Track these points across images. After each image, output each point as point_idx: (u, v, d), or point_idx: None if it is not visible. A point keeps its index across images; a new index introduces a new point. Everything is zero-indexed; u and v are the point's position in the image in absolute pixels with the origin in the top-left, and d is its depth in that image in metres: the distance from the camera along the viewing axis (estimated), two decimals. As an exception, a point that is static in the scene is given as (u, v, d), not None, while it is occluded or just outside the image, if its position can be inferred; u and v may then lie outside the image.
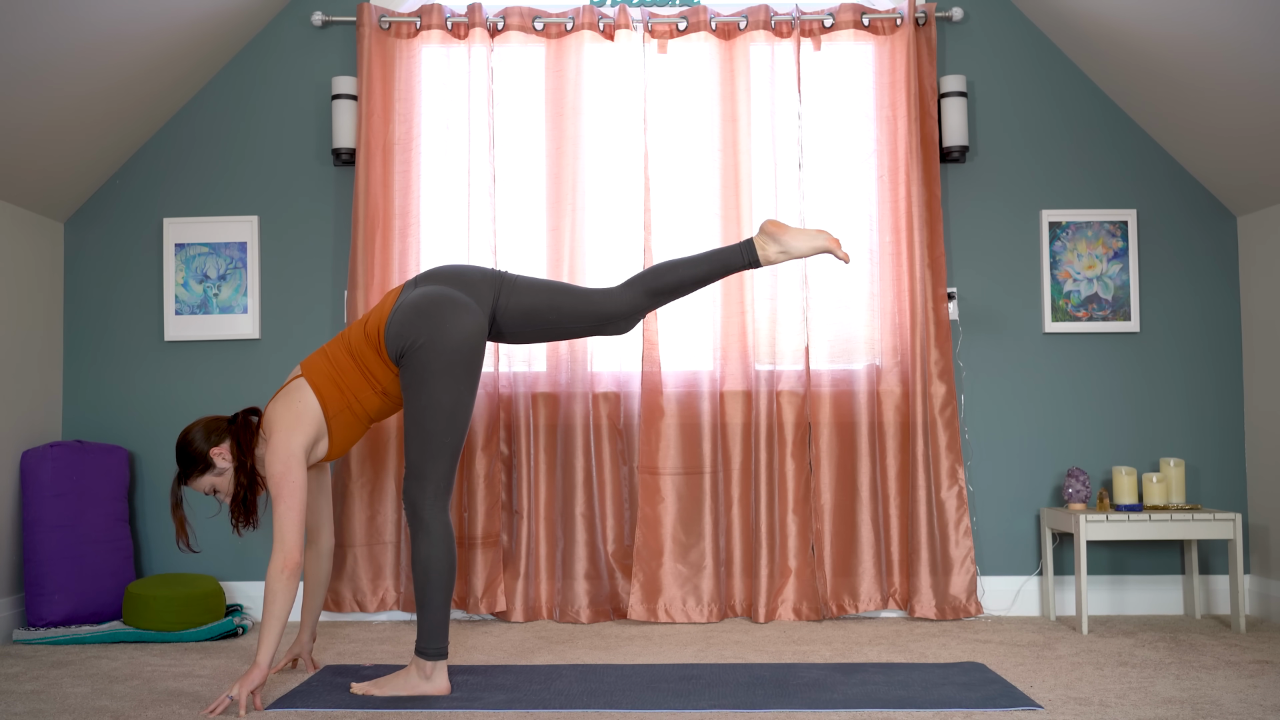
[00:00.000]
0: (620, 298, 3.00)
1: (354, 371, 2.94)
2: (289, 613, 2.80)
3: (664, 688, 2.92)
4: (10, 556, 3.82)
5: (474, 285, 2.96)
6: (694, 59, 4.10)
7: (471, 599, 3.96)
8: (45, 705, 2.83)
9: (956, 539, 3.94)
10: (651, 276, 3.01)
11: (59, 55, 3.43)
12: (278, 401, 2.94)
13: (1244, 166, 3.89)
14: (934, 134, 4.04)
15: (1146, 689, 2.88)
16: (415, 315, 2.86)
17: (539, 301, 2.98)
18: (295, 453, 2.85)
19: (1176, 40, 3.60)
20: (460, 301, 2.89)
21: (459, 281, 2.96)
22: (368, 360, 2.93)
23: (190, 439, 2.93)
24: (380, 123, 4.06)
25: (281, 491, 2.81)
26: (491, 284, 2.98)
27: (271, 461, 2.84)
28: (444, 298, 2.89)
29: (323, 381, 2.93)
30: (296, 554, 2.79)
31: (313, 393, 2.92)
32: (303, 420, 2.89)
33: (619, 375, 4.07)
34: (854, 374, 4.04)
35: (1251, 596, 4.03)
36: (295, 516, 2.80)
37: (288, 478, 2.82)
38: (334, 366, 2.95)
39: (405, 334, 2.85)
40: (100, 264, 4.21)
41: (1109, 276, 4.12)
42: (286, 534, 2.79)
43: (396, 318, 2.88)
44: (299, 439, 2.86)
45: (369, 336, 2.92)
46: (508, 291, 2.98)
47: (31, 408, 3.97)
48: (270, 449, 2.86)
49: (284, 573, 2.77)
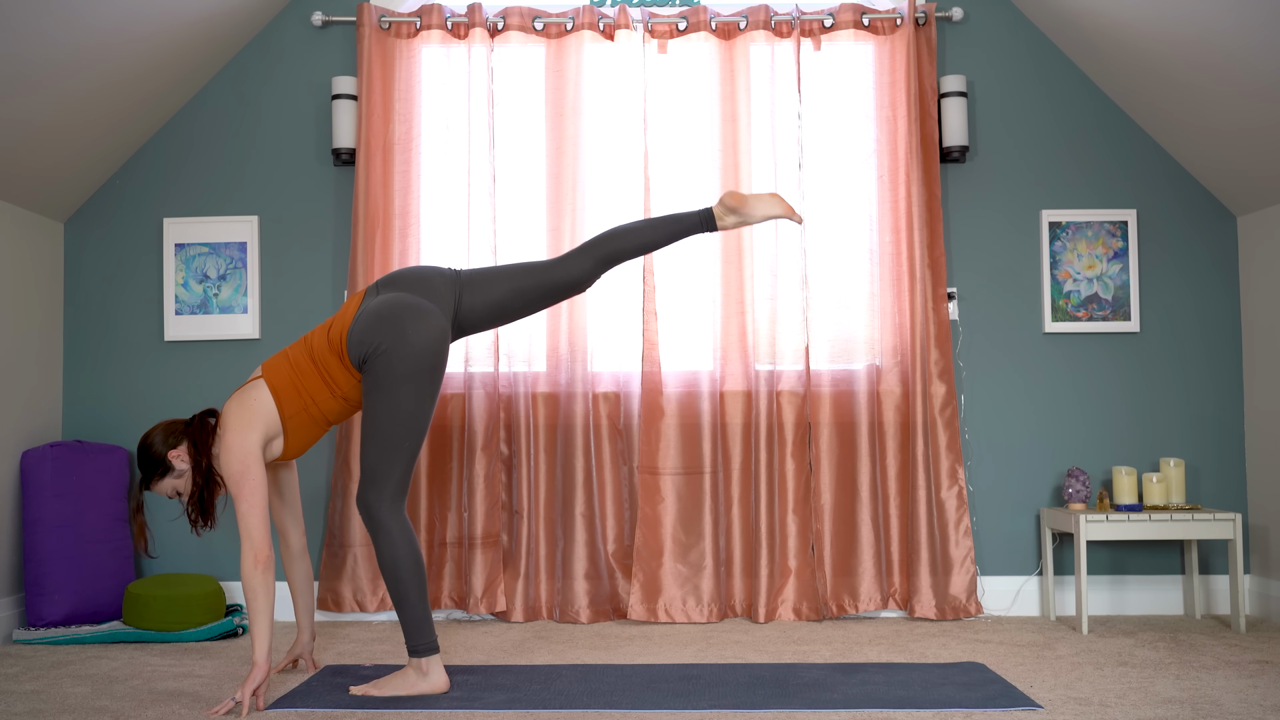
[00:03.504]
0: (577, 265, 2.99)
1: (314, 375, 2.93)
2: (272, 606, 2.81)
3: (664, 688, 2.92)
4: (10, 556, 3.82)
5: (435, 289, 2.95)
6: (694, 59, 4.10)
7: (471, 599, 3.96)
8: (45, 705, 2.83)
9: (956, 539, 3.94)
10: (607, 241, 3.00)
11: (59, 55, 3.43)
12: (233, 400, 2.93)
13: (1244, 166, 3.89)
14: (934, 134, 4.04)
15: (1146, 689, 2.88)
16: (378, 322, 2.86)
17: (502, 292, 2.98)
18: (251, 450, 2.84)
19: (1176, 40, 3.60)
20: (423, 308, 2.89)
21: (420, 286, 2.95)
22: (329, 365, 2.92)
23: (150, 443, 2.93)
24: (380, 123, 4.06)
25: (241, 489, 2.81)
26: (451, 285, 2.97)
27: (228, 460, 2.84)
28: (406, 304, 2.88)
29: (281, 384, 2.92)
30: (265, 548, 2.79)
31: (270, 394, 2.91)
32: (257, 418, 2.88)
33: (619, 375, 4.07)
34: (854, 374, 4.05)
35: (1251, 596, 4.03)
36: (258, 512, 2.81)
37: (246, 475, 2.82)
38: (294, 370, 2.93)
39: (368, 340, 2.85)
40: (100, 264, 4.21)
41: (1109, 276, 4.12)
42: (252, 529, 2.79)
43: (359, 325, 2.88)
44: (253, 437, 2.86)
45: (332, 342, 2.92)
46: (469, 291, 2.97)
47: (31, 408, 3.97)
48: (225, 446, 2.86)
49: (257, 567, 2.78)
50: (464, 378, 4.03)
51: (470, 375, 4.02)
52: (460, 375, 4.06)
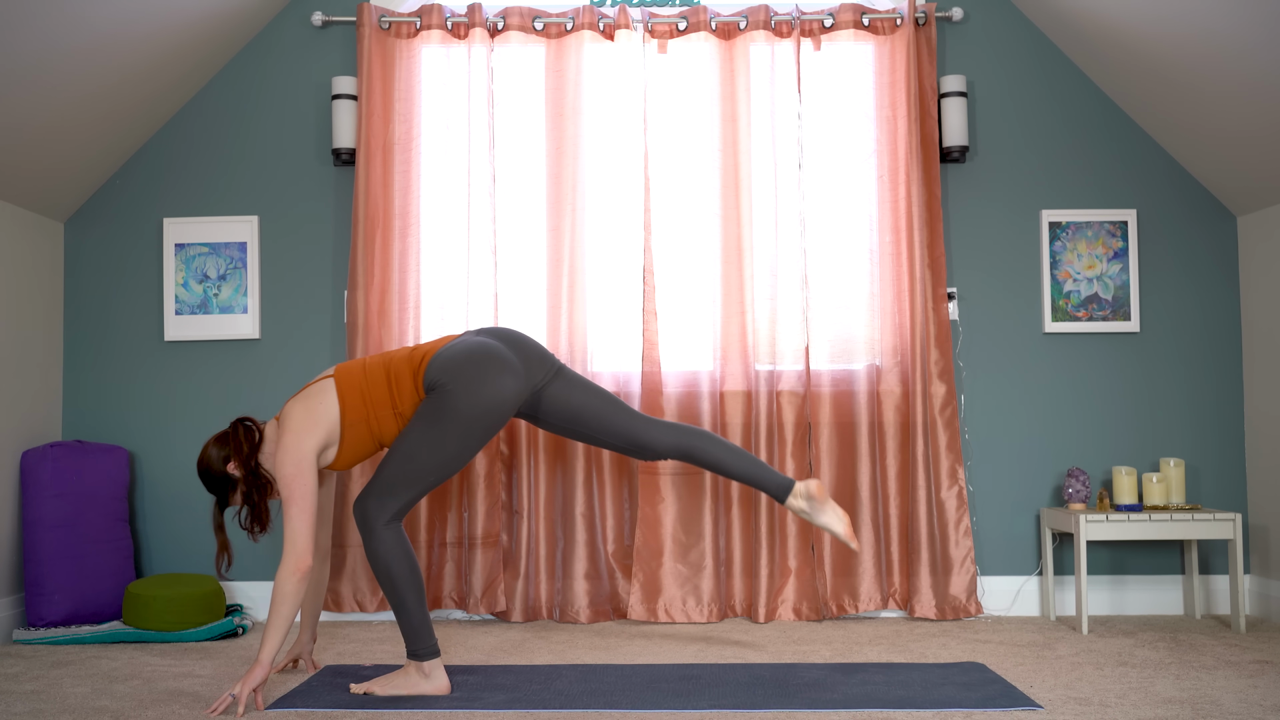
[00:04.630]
0: (659, 435, 3.07)
1: (383, 386, 2.93)
2: (295, 616, 2.80)
3: (664, 688, 2.92)
4: (10, 556, 3.82)
5: (529, 358, 3.01)
6: (694, 59, 4.10)
7: (471, 599, 3.96)
8: (45, 705, 2.83)
9: (956, 539, 3.94)
10: (696, 436, 3.08)
11: (59, 55, 3.44)
12: (298, 400, 2.93)
13: (1244, 166, 3.89)
14: (934, 134, 4.04)
15: (1146, 689, 2.88)
16: (465, 358, 2.90)
17: (589, 403, 3.06)
18: (307, 455, 2.84)
19: (1176, 40, 3.60)
20: (511, 366, 2.94)
21: (518, 348, 3.01)
22: (401, 380, 2.93)
23: (208, 464, 2.92)
24: (380, 123, 4.06)
25: (293, 494, 2.80)
26: (546, 367, 3.05)
27: (283, 462, 2.83)
28: (497, 355, 2.93)
29: (350, 387, 2.93)
30: (308, 558, 2.78)
31: (336, 395, 2.91)
32: (318, 424, 2.88)
33: (619, 375, 4.07)
34: (854, 374, 4.05)
35: (1251, 596, 4.03)
36: (306, 520, 2.79)
37: (299, 480, 2.81)
38: (366, 377, 2.95)
39: (449, 369, 2.88)
40: (100, 264, 4.21)
41: (1109, 276, 4.12)
42: (298, 538, 2.78)
43: (448, 352, 2.92)
44: (311, 442, 2.85)
45: (413, 359, 2.95)
46: (560, 383, 3.05)
47: (31, 408, 3.97)
48: (282, 447, 2.85)
49: (294, 576, 2.77)
50: (464, 378, 4.03)
51: (470, 375, 4.02)
52: (460, 375, 4.05)
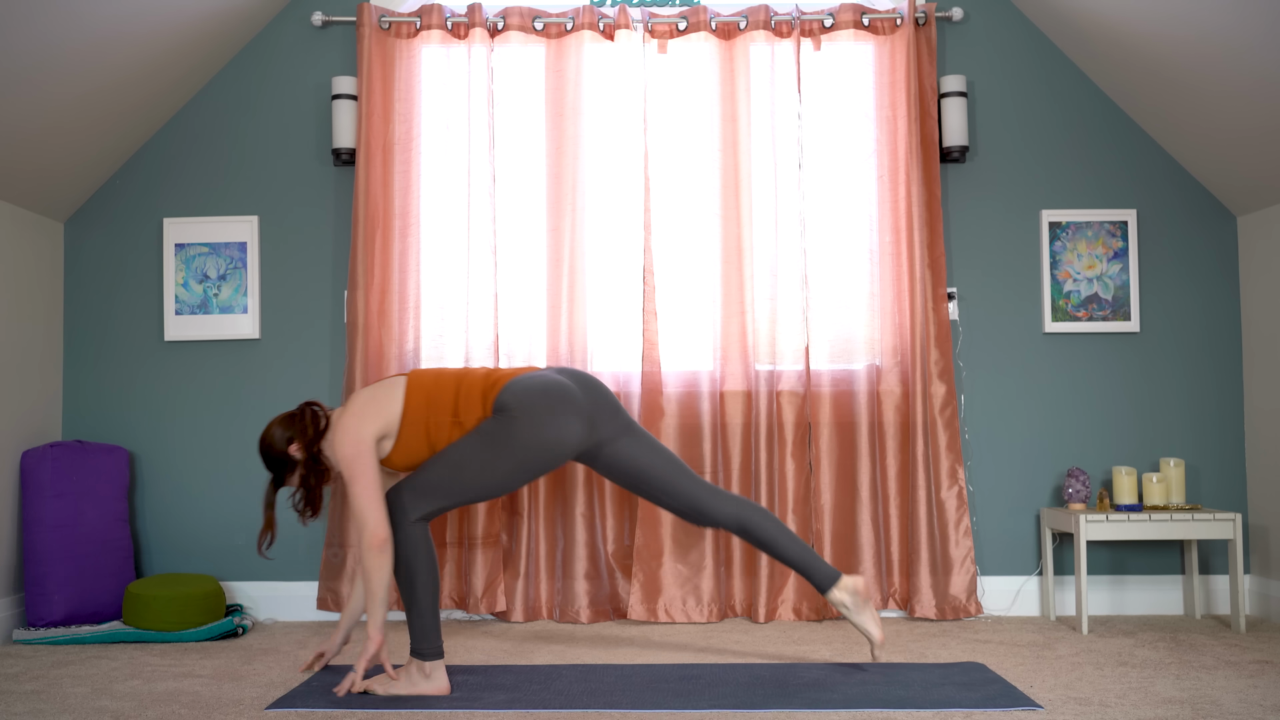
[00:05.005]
0: (723, 507, 3.09)
1: (450, 394, 2.96)
2: (387, 586, 2.82)
3: (664, 688, 2.92)
4: (10, 556, 3.82)
5: (601, 409, 3.03)
6: (694, 59, 4.10)
7: (471, 599, 3.96)
8: (45, 705, 2.83)
9: (956, 539, 3.94)
10: (755, 512, 3.10)
11: (59, 55, 3.44)
12: (365, 389, 2.98)
13: (1244, 166, 3.89)
14: (934, 134, 4.04)
15: (1146, 689, 2.88)
16: (539, 391, 2.93)
17: (654, 463, 3.07)
18: (366, 438, 2.86)
19: (1176, 40, 3.60)
20: (581, 411, 2.97)
21: (594, 397, 3.03)
22: (471, 393, 2.95)
23: (271, 442, 2.96)
24: (380, 123, 4.06)
25: (354, 472, 2.83)
26: (616, 420, 3.07)
27: (342, 442, 2.86)
28: (571, 398, 2.96)
29: (418, 388, 2.96)
30: (381, 529, 2.80)
31: (404, 392, 2.95)
32: (380, 413, 2.91)
33: (619, 375, 4.07)
34: (854, 374, 4.05)
35: (1251, 596, 4.03)
36: (370, 494, 2.82)
37: (359, 459, 2.84)
38: (436, 382, 2.98)
39: (520, 396, 2.91)
40: (100, 264, 4.21)
41: (1109, 276, 4.12)
42: (365, 512, 2.81)
43: (525, 381, 2.95)
44: (370, 427, 2.88)
45: (488, 378, 2.98)
46: (629, 437, 3.06)
47: (31, 408, 3.97)
48: (341, 428, 2.88)
49: (372, 549, 2.79)
50: (464, 378, 4.03)
51: (470, 375, 4.02)
52: (460, 375, 4.06)
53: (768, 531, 3.09)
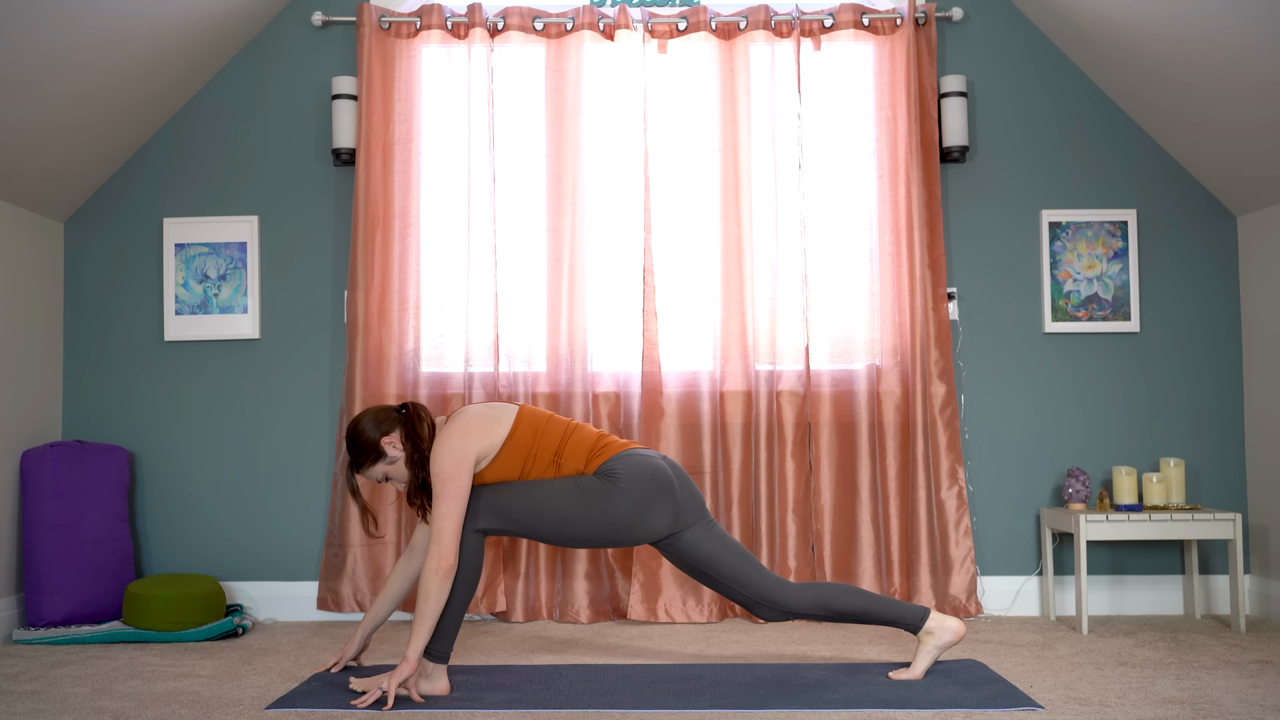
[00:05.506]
0: (791, 594, 3.04)
1: (558, 436, 2.98)
2: (439, 611, 2.81)
3: (664, 688, 2.92)
4: (10, 556, 3.82)
5: (690, 505, 3.02)
6: (694, 59, 4.10)
7: (472, 599, 3.96)
8: (45, 705, 2.83)
9: (956, 539, 3.94)
10: (835, 591, 3.05)
11: (59, 54, 3.43)
12: (476, 408, 2.98)
13: (1244, 166, 3.89)
14: (934, 134, 4.04)
15: (1146, 689, 2.88)
16: (649, 474, 2.94)
17: (724, 555, 3.04)
18: (467, 456, 2.85)
19: (1176, 40, 3.60)
20: (675, 507, 2.97)
21: (687, 490, 3.02)
22: (579, 446, 2.97)
23: (361, 429, 2.94)
24: (380, 123, 4.06)
25: (446, 491, 2.82)
26: (698, 514, 3.05)
27: (441, 456, 2.84)
28: (672, 492, 2.96)
29: (528, 421, 2.97)
30: (451, 557, 2.79)
31: (514, 419, 2.95)
32: (486, 434, 2.90)
33: (619, 375, 4.07)
34: (854, 374, 4.04)
35: (1251, 596, 4.03)
36: (455, 519, 2.81)
37: (455, 479, 2.83)
38: (548, 423, 2.99)
39: (631, 471, 2.92)
40: (100, 264, 4.21)
41: (1109, 276, 4.12)
42: (444, 536, 2.79)
43: (637, 457, 2.96)
44: (475, 446, 2.87)
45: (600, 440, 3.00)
46: (702, 530, 3.04)
47: (31, 408, 3.97)
48: (444, 439, 2.87)
49: (438, 574, 2.78)
50: (464, 378, 4.03)
51: (470, 375, 4.02)
52: (460, 375, 4.06)
53: (851, 603, 3.03)
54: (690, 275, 4.07)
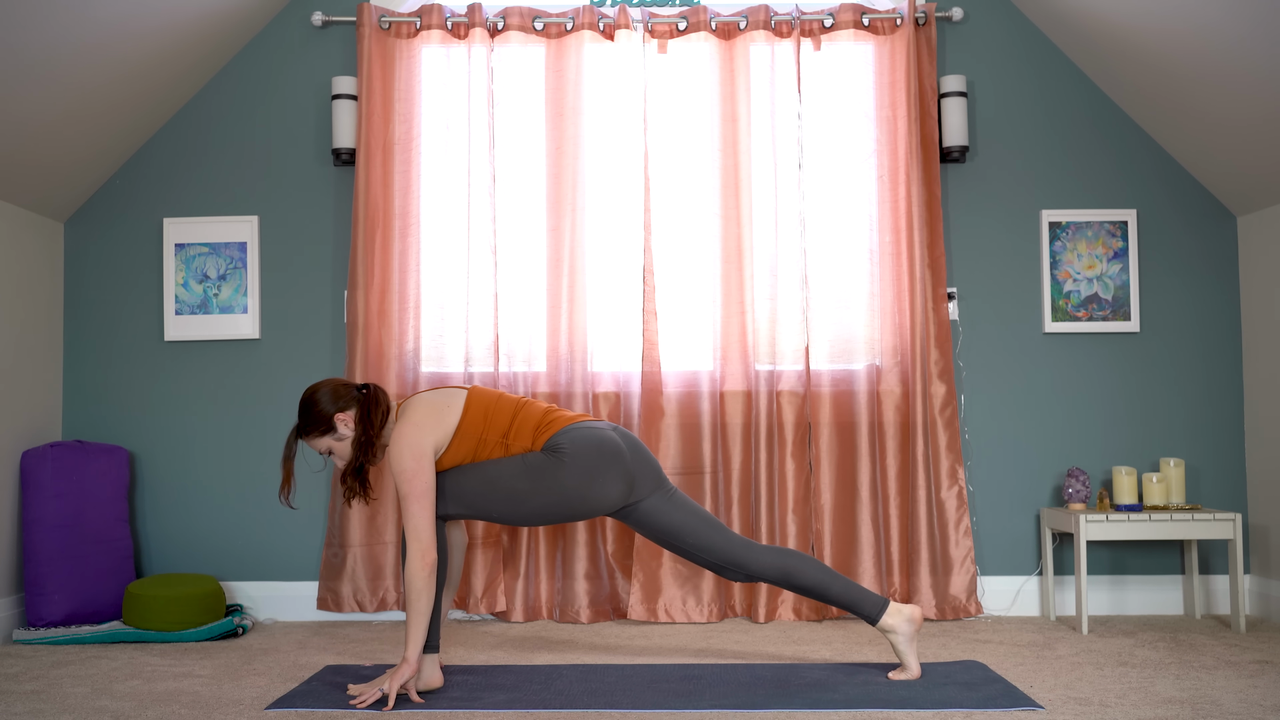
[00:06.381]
0: (760, 557, 3.04)
1: (507, 418, 2.97)
2: (431, 608, 2.82)
3: (664, 688, 2.92)
4: (10, 556, 3.82)
5: (645, 474, 3.02)
6: (694, 59, 4.10)
7: (471, 599, 3.96)
8: (45, 705, 2.83)
9: (956, 539, 3.94)
10: (795, 557, 3.06)
11: (59, 54, 3.43)
12: (424, 397, 2.96)
13: (1244, 166, 3.89)
14: (934, 134, 4.04)
15: (1146, 689, 2.89)
16: (594, 445, 2.94)
17: (687, 521, 3.05)
18: (426, 451, 2.86)
19: (1176, 40, 3.60)
20: (626, 476, 2.97)
21: (640, 461, 3.02)
22: (525, 424, 2.97)
23: (317, 399, 2.92)
24: (380, 123, 4.06)
25: (414, 489, 2.82)
26: (656, 483, 3.05)
27: (400, 454, 2.84)
28: (621, 461, 2.96)
29: (478, 404, 2.96)
30: (432, 552, 2.80)
31: (463, 406, 2.95)
32: (439, 424, 2.90)
33: (619, 375, 4.07)
34: (854, 374, 4.04)
35: (1251, 596, 4.03)
36: (426, 514, 2.82)
37: (419, 475, 2.83)
38: (497, 403, 2.99)
39: (575, 444, 2.92)
40: (100, 264, 4.21)
41: (1109, 276, 4.12)
42: (420, 530, 2.80)
43: (581, 430, 2.96)
44: (431, 438, 2.88)
45: (546, 415, 2.99)
46: (662, 498, 3.05)
47: (31, 408, 3.97)
48: (401, 438, 2.86)
49: (422, 571, 2.79)
50: (464, 378, 4.03)
51: (470, 375, 4.02)
52: (460, 375, 4.06)
53: (812, 576, 3.04)
54: (690, 275, 4.07)
